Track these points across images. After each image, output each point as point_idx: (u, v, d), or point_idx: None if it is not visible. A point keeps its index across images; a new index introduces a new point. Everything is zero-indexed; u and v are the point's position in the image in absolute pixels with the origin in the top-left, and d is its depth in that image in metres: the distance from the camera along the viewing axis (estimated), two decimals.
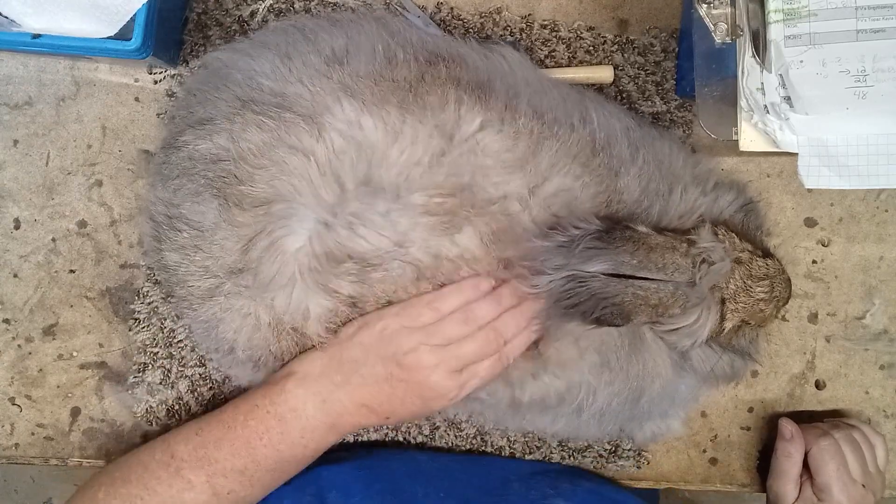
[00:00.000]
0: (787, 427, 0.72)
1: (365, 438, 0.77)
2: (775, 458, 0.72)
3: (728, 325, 0.63)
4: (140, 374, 0.76)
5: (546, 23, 0.79)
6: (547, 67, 0.78)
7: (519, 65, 0.67)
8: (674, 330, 0.62)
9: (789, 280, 0.67)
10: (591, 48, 0.78)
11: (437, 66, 0.63)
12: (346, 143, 0.59)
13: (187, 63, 0.78)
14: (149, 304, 0.76)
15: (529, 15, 0.79)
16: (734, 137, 0.64)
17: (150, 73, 0.78)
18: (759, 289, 0.64)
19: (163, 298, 0.76)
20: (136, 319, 0.77)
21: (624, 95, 0.78)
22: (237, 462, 0.62)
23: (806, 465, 0.71)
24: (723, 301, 0.63)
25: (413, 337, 0.60)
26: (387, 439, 0.77)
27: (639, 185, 0.63)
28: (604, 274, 0.57)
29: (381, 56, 0.62)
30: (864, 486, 0.69)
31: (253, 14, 0.78)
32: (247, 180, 0.59)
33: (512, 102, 0.62)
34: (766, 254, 0.67)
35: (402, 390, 0.61)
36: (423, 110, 0.60)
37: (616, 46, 0.79)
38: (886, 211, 0.79)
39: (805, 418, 0.78)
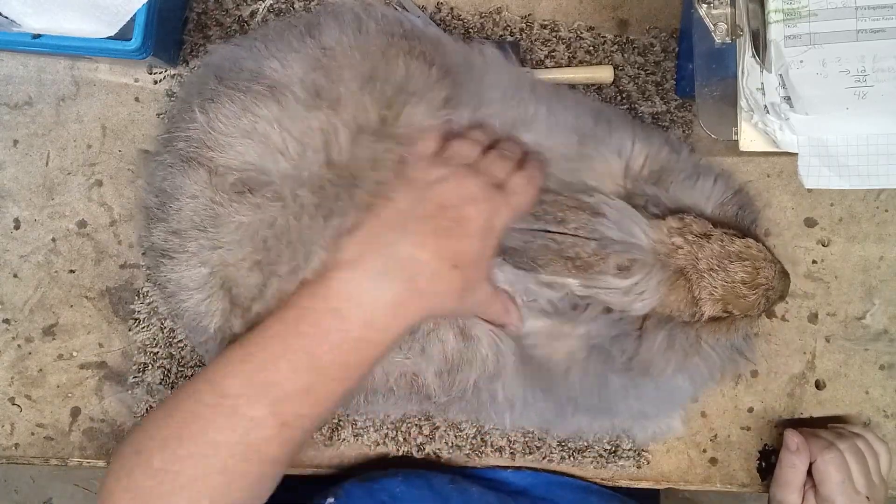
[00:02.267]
0: (793, 438, 0.71)
1: (370, 452, 0.77)
2: (780, 468, 0.72)
3: (706, 309, 0.61)
4: (140, 374, 0.76)
5: (546, 23, 0.79)
6: (547, 67, 0.78)
7: (495, 58, 0.67)
8: (608, 289, 0.59)
9: (784, 272, 0.65)
10: (591, 48, 0.78)
11: (407, 40, 0.63)
12: (308, 112, 0.59)
13: (187, 63, 0.78)
14: (149, 304, 0.76)
15: (529, 15, 0.79)
16: (734, 137, 0.64)
17: (150, 73, 0.78)
18: (738, 269, 0.61)
19: (163, 298, 0.76)
20: (136, 319, 0.77)
21: (624, 95, 0.78)
22: (300, 380, 0.53)
23: (809, 473, 0.71)
24: (682, 273, 0.60)
25: (438, 166, 0.56)
26: (387, 440, 0.77)
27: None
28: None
29: (351, 27, 0.63)
30: (867, 497, 0.69)
31: (253, 14, 0.78)
32: (216, 147, 0.60)
33: (476, 87, 0.63)
34: (756, 240, 0.65)
35: (456, 224, 0.55)
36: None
37: (616, 46, 0.79)
38: (886, 211, 0.79)
39: (807, 422, 0.78)
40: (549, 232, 0.58)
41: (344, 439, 0.77)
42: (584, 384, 0.64)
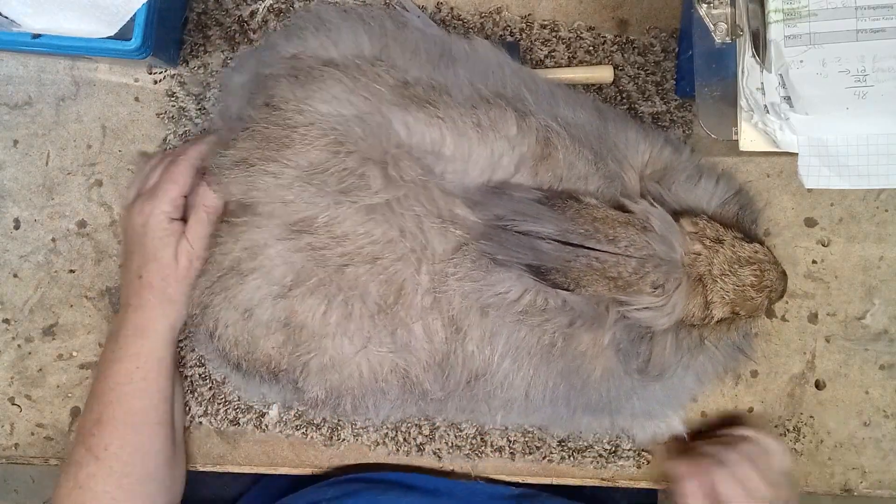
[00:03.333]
0: (680, 468, 0.69)
1: (369, 452, 0.77)
2: (678, 500, 0.69)
3: (716, 312, 0.61)
4: None
5: (546, 23, 0.79)
6: (547, 67, 0.78)
7: (486, 49, 0.66)
8: (640, 309, 0.59)
9: (784, 273, 0.66)
10: (591, 48, 0.78)
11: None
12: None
13: (187, 63, 0.78)
14: None
15: (529, 15, 0.79)
16: (734, 137, 0.64)
17: (150, 73, 0.78)
18: (747, 273, 0.62)
19: None
20: None
21: (624, 95, 0.78)
22: (92, 414, 0.66)
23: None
24: (700, 279, 0.61)
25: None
26: (387, 440, 0.77)
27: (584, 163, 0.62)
28: (554, 239, 0.56)
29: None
30: (772, 500, 0.67)
31: (253, 14, 0.78)
32: None
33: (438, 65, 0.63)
34: (759, 243, 0.66)
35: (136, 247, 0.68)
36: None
37: (616, 46, 0.79)
38: (886, 211, 0.79)
39: (694, 436, 0.76)
40: (591, 249, 0.57)
41: (344, 439, 0.77)
42: (604, 388, 0.64)
